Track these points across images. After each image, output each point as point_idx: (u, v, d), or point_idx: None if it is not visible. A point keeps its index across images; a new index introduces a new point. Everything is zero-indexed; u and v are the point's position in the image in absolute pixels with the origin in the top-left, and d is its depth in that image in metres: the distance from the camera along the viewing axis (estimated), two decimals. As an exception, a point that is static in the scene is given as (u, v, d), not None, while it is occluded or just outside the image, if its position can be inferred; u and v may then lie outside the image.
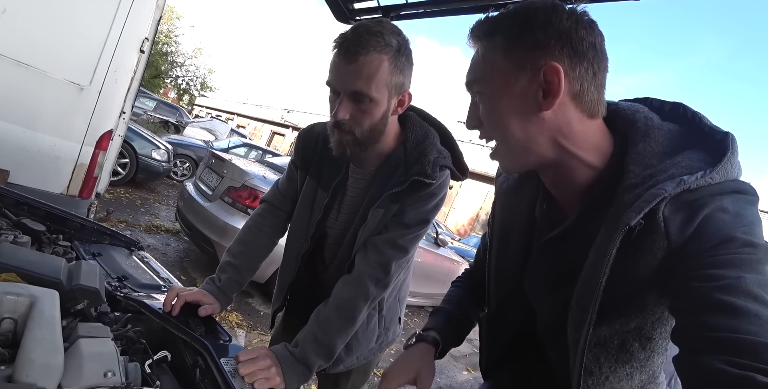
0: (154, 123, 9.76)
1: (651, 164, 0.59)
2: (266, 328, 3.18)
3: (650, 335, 0.63)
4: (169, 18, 20.44)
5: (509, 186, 0.83)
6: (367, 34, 0.87)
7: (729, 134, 0.59)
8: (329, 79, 0.93)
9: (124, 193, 5.57)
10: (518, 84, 0.61)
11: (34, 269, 0.75)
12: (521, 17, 0.61)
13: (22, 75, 2.00)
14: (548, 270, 0.73)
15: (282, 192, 1.25)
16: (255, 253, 1.20)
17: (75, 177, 2.19)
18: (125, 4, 2.18)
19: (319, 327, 0.99)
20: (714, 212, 0.53)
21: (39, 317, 0.62)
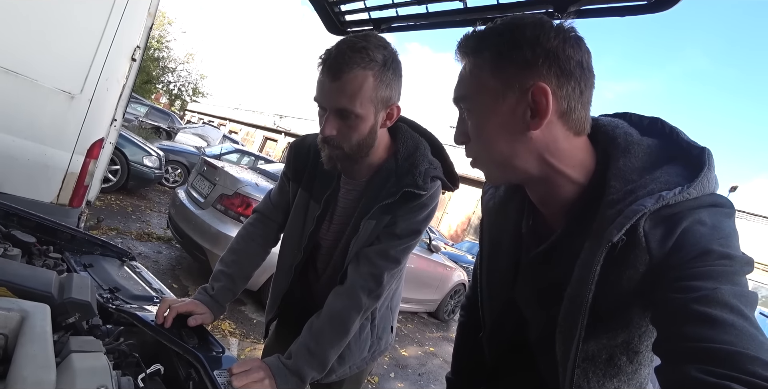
0: (146, 129, 9.70)
1: (631, 179, 0.60)
2: (259, 336, 3.16)
3: (637, 348, 0.64)
4: (161, 23, 20.39)
5: (495, 204, 0.85)
6: (351, 50, 0.88)
7: (705, 149, 0.60)
8: (316, 96, 0.94)
9: (115, 200, 5.51)
10: (506, 103, 0.61)
11: (24, 283, 0.74)
12: (509, 34, 0.61)
13: (11, 83, 1.98)
14: (537, 285, 0.74)
15: (274, 203, 1.25)
16: (248, 262, 1.21)
17: (65, 186, 2.17)
18: (117, 12, 2.18)
19: (312, 338, 0.99)
20: (692, 226, 0.55)
21: (30, 332, 0.62)
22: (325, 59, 0.90)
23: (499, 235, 0.82)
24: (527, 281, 0.77)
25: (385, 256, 1.03)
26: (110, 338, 0.81)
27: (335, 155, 0.98)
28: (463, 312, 1.05)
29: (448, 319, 6.07)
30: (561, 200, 0.67)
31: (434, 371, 4.03)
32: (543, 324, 0.73)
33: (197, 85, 23.53)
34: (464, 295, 1.07)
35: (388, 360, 3.75)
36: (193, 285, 3.60)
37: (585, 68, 0.61)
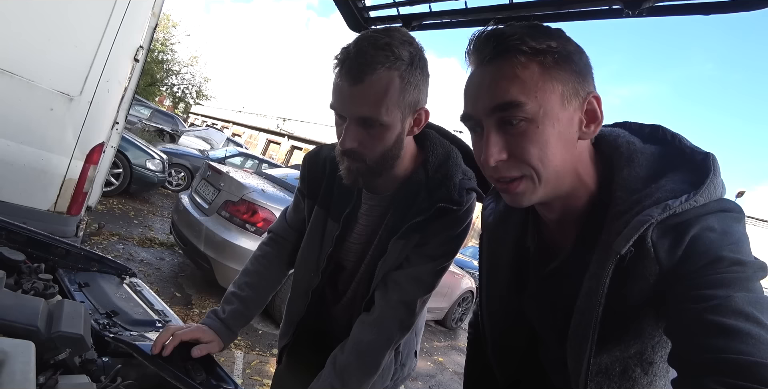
0: (149, 132, 9.64)
1: (637, 188, 0.59)
2: (265, 348, 3.05)
3: (651, 359, 0.63)
4: (165, 26, 20.43)
5: (495, 219, 0.82)
6: (373, 48, 0.75)
7: (710, 155, 0.59)
8: (333, 103, 0.81)
9: (117, 204, 5.42)
10: (568, 110, 0.59)
11: (6, 317, 0.65)
12: (563, 40, 0.58)
13: (6, 84, 1.87)
14: (549, 301, 0.72)
15: (289, 223, 1.15)
16: (263, 284, 1.10)
17: (63, 193, 2.06)
18: (119, 10, 2.08)
19: (337, 377, 0.89)
20: (701, 232, 0.54)
21: (9, 381, 0.52)
22: (342, 60, 0.77)
23: (498, 250, 0.80)
24: (539, 298, 0.74)
25: (417, 281, 0.92)
26: (107, 379, 0.70)
27: (355, 168, 0.86)
28: (471, 329, 0.99)
29: (455, 327, 5.96)
30: (575, 212, 0.66)
31: (445, 383, 3.91)
32: (555, 338, 0.71)
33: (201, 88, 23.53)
34: (472, 311, 0.98)
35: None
36: (197, 294, 3.49)
37: None
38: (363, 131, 0.81)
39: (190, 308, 3.19)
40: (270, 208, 3.21)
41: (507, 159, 0.60)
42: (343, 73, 0.77)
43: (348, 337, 0.94)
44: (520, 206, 0.64)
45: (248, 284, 1.08)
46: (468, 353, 0.99)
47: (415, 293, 0.92)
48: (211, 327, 0.98)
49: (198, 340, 0.92)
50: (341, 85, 0.78)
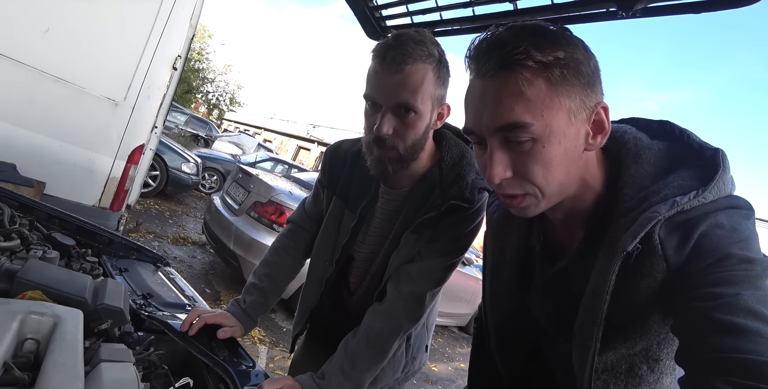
0: (185, 137, 10.05)
1: (644, 185, 0.58)
2: (288, 345, 3.13)
3: (657, 356, 0.62)
4: (201, 36, 21.27)
5: (500, 216, 0.82)
6: (413, 42, 0.82)
7: (719, 151, 0.58)
8: (368, 92, 0.86)
9: (154, 204, 5.70)
10: (575, 125, 0.56)
11: (59, 288, 0.74)
12: (571, 48, 0.55)
13: (61, 91, 2.07)
14: (556, 300, 0.72)
15: (308, 212, 1.21)
16: (281, 275, 1.17)
17: (107, 190, 2.24)
18: (160, 23, 2.25)
19: (347, 359, 0.94)
20: (709, 229, 0.53)
21: (61, 339, 0.60)
22: (383, 51, 0.82)
23: (502, 247, 0.80)
24: (545, 296, 0.74)
25: (428, 275, 0.97)
26: (141, 347, 0.79)
27: (387, 157, 0.89)
28: (476, 324, 1.00)
29: (478, 333, 5.88)
30: (581, 213, 0.65)
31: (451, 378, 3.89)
32: (561, 335, 0.71)
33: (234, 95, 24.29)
34: (478, 307, 1.00)
35: (417, 375, 3.65)
36: (225, 291, 3.63)
37: None
38: (398, 119, 0.86)
39: (219, 304, 3.33)
40: (296, 209, 3.32)
41: (512, 178, 0.59)
42: (384, 62, 0.82)
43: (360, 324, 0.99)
44: (525, 217, 0.65)
45: (267, 275, 1.15)
46: (473, 347, 1.00)
47: (425, 285, 0.96)
48: (233, 314, 1.06)
49: (221, 324, 1.00)
50: (380, 73, 0.83)
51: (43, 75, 2.03)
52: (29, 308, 0.62)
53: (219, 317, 1.01)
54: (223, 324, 1.01)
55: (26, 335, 0.59)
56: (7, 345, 0.54)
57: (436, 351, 4.57)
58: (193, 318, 0.95)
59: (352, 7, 1.16)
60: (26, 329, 0.59)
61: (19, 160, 1.91)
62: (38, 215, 1.16)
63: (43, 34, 1.97)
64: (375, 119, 0.86)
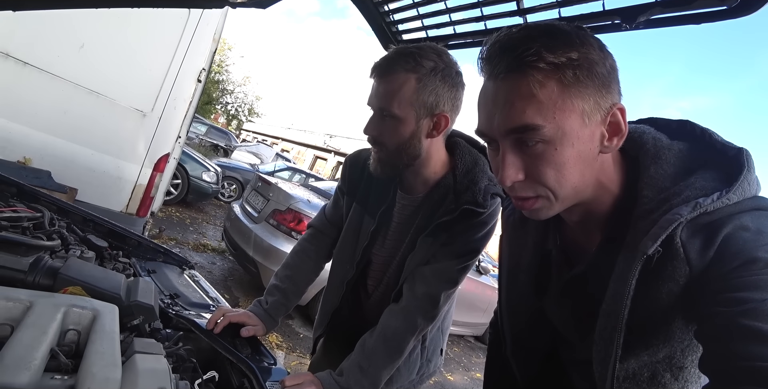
0: (205, 146, 10.29)
1: (664, 187, 0.56)
2: (305, 351, 3.17)
3: (681, 364, 0.60)
4: (221, 49, 21.85)
5: (515, 220, 0.81)
6: (399, 54, 0.90)
7: (743, 150, 0.56)
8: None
9: (175, 212, 5.84)
10: (589, 127, 0.55)
11: (97, 284, 0.78)
12: (585, 48, 0.53)
13: (94, 103, 2.20)
14: (576, 306, 0.70)
15: (328, 218, 1.25)
16: (301, 277, 1.21)
17: (134, 197, 2.34)
18: (186, 38, 2.37)
19: (365, 357, 0.97)
20: (734, 232, 0.51)
21: (101, 330, 0.65)
22: (375, 63, 0.93)
23: (519, 251, 0.79)
24: (563, 301, 0.73)
25: (442, 276, 1.00)
26: (170, 342, 0.83)
27: (378, 157, 0.98)
28: (491, 329, 1.00)
29: (496, 344, 5.79)
30: (598, 216, 0.64)
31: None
32: (580, 341, 0.70)
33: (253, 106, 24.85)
34: (494, 311, 1.01)
35: (433, 384, 3.62)
36: (244, 297, 3.69)
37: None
38: (381, 122, 0.94)
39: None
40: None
41: (524, 180, 0.58)
42: (372, 72, 0.93)
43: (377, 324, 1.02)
44: (538, 219, 0.63)
45: (288, 277, 1.19)
46: (488, 352, 1.00)
47: (439, 286, 0.99)
48: (256, 314, 1.10)
49: (245, 323, 1.05)
50: (372, 82, 0.94)
51: (78, 88, 2.16)
52: (71, 302, 0.67)
53: (242, 316, 1.05)
54: (247, 322, 1.05)
55: (69, 326, 0.64)
56: (53, 334, 0.59)
57: (452, 361, 4.53)
58: (218, 317, 0.99)
59: (369, 21, 1.21)
60: (69, 320, 0.64)
61: (54, 167, 2.03)
62: (74, 218, 1.23)
63: (79, 50, 2.10)
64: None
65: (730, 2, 0.70)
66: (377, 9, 1.15)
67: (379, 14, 1.17)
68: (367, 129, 0.96)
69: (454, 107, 0.95)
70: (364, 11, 1.17)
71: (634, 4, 0.79)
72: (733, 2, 0.70)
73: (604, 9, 0.83)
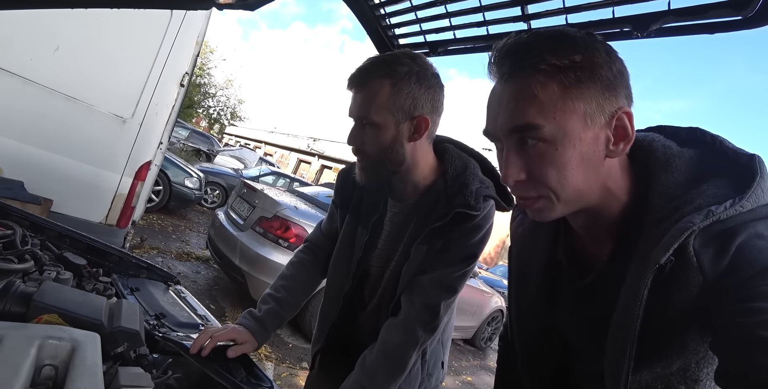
0: (187, 151, 10.10)
1: (675, 195, 0.56)
2: (295, 361, 3.09)
3: (696, 376, 0.59)
4: (203, 52, 21.52)
5: (524, 230, 0.81)
6: (372, 63, 0.91)
7: (755, 156, 0.55)
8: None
9: (157, 219, 5.68)
10: (592, 129, 0.55)
11: (76, 311, 0.72)
12: (590, 52, 0.54)
13: (70, 108, 2.08)
14: (585, 315, 0.70)
15: (324, 232, 1.24)
16: (298, 288, 1.17)
17: (114, 207, 2.23)
18: (168, 41, 2.28)
19: (366, 375, 0.93)
20: (749, 240, 0.50)
21: (81, 365, 0.59)
22: (350, 74, 0.93)
23: (528, 262, 0.78)
24: (574, 312, 0.72)
25: (440, 285, 0.97)
26: (158, 371, 0.77)
27: (362, 166, 0.98)
28: (501, 343, 0.98)
29: (485, 347, 5.82)
30: (607, 223, 0.63)
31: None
32: (592, 353, 0.67)
33: (235, 109, 24.46)
34: (504, 325, 0.98)
35: (425, 391, 3.58)
36: (230, 307, 3.59)
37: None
38: (361, 130, 0.94)
39: (224, 320, 3.28)
40: (302, 224, 3.31)
41: (526, 179, 0.58)
42: (348, 82, 0.94)
43: (376, 340, 0.98)
44: (542, 221, 0.63)
45: (284, 287, 1.14)
46: (498, 366, 0.98)
47: (438, 296, 0.97)
48: (246, 327, 1.04)
49: (234, 340, 0.98)
50: (350, 94, 0.95)
51: (53, 93, 2.05)
52: (47, 332, 0.60)
53: (231, 333, 0.99)
54: (237, 340, 0.99)
55: (44, 361, 0.57)
56: (26, 372, 0.53)
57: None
58: (205, 340, 0.93)
59: (364, 24, 1.17)
60: (44, 354, 0.58)
61: (27, 177, 1.91)
62: (49, 234, 1.15)
63: (54, 52, 1.99)
64: None
65: (745, 12, 0.69)
66: (373, 12, 1.11)
67: (374, 17, 1.12)
68: (349, 140, 0.96)
69: (434, 108, 0.94)
70: (358, 14, 1.13)
71: (647, 12, 0.76)
72: (748, 12, 0.68)
73: (613, 16, 0.80)
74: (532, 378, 0.82)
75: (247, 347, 1.01)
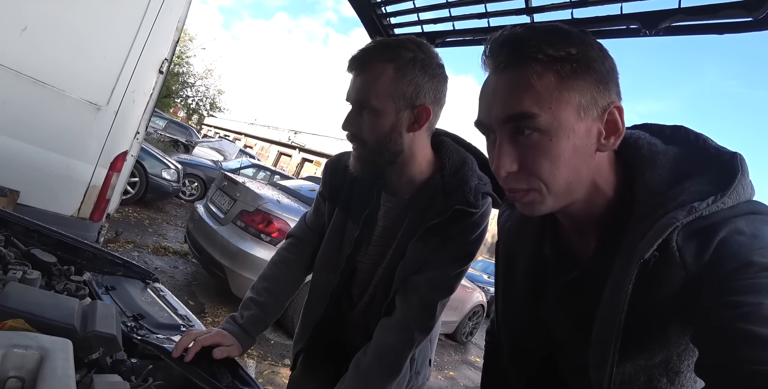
0: (164, 142, 9.81)
1: (660, 191, 0.57)
2: (277, 358, 3.04)
3: (678, 368, 0.61)
4: (182, 39, 20.92)
5: (512, 225, 0.81)
6: (376, 45, 0.87)
7: (737, 154, 0.57)
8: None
9: (132, 212, 5.51)
10: (585, 122, 0.56)
11: (44, 314, 0.66)
12: (584, 46, 0.55)
13: (38, 94, 1.95)
14: (573, 311, 0.70)
15: (309, 225, 1.17)
16: (281, 289, 1.11)
17: (87, 199, 2.11)
18: (146, 24, 2.16)
19: (360, 379, 0.90)
20: (729, 235, 0.51)
21: (51, 377, 0.54)
22: (352, 55, 0.89)
23: (515, 257, 0.79)
24: (560, 306, 0.72)
25: (436, 284, 0.95)
26: (138, 379, 0.72)
27: (357, 155, 0.93)
28: (488, 338, 0.97)
29: (466, 341, 5.88)
30: (593, 219, 0.64)
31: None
32: (576, 346, 0.69)
33: (215, 100, 23.91)
34: (490, 319, 0.97)
35: (407, 386, 3.59)
36: (210, 303, 3.51)
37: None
38: (359, 116, 0.89)
39: (203, 316, 3.20)
40: (285, 218, 3.25)
41: (518, 171, 0.59)
42: (349, 64, 0.89)
43: (370, 341, 0.95)
44: (531, 215, 0.63)
45: (266, 290, 1.09)
46: (485, 360, 0.98)
47: (434, 296, 0.94)
48: (230, 332, 0.99)
49: (219, 344, 0.94)
50: (351, 75, 0.90)
51: (20, 76, 1.91)
52: (11, 340, 0.55)
53: (216, 337, 0.94)
54: (221, 343, 0.94)
55: (8, 372, 0.52)
56: (-13, 387, 0.47)
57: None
58: (188, 343, 0.88)
59: (358, 11, 1.12)
60: (8, 365, 0.53)
61: (-9, 167, 1.79)
62: (15, 229, 1.07)
63: (21, 33, 1.86)
64: None
65: (757, 14, 0.68)
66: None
67: (369, 4, 1.07)
68: (345, 125, 0.91)
69: (436, 99, 0.90)
70: (353, 0, 1.08)
71: (656, 10, 0.75)
72: (759, 14, 0.68)
73: (622, 13, 0.78)
74: (518, 372, 0.82)
75: (233, 350, 0.96)
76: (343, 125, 0.91)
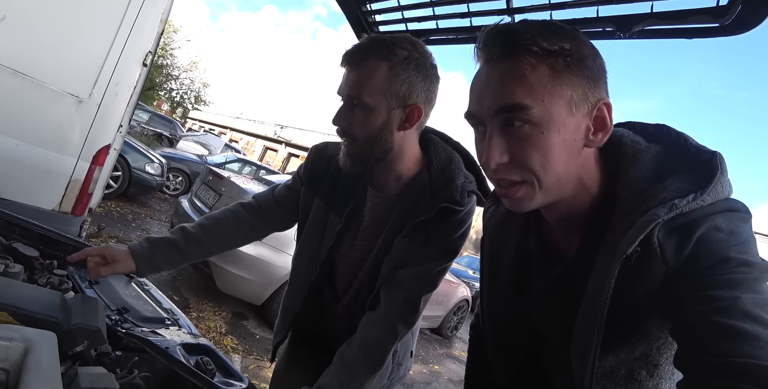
0: (148, 136, 9.64)
1: (642, 188, 0.58)
2: (263, 353, 3.04)
3: (657, 361, 0.62)
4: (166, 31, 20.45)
5: (497, 221, 0.82)
6: (371, 42, 0.87)
7: (716, 154, 0.58)
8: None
9: (116, 207, 5.42)
10: (576, 117, 0.57)
11: (28, 308, 0.67)
12: (577, 42, 0.56)
13: (18, 85, 1.90)
14: (556, 306, 0.71)
15: (276, 198, 1.14)
16: (218, 235, 1.10)
17: (68, 193, 2.08)
18: (130, 16, 2.12)
19: (344, 371, 0.92)
20: (708, 232, 0.53)
21: (36, 368, 0.54)
22: (346, 50, 0.88)
23: (500, 252, 0.80)
24: (544, 301, 0.73)
25: (421, 280, 0.96)
26: (123, 371, 0.72)
27: (347, 151, 0.93)
28: (472, 332, 0.99)
29: (451, 336, 5.95)
30: (577, 216, 0.65)
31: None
32: (560, 341, 0.70)
33: (200, 93, 23.53)
34: (474, 313, 1.01)
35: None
36: (195, 298, 3.49)
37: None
38: (350, 112, 0.89)
39: (188, 311, 3.18)
40: (270, 213, 3.23)
41: (508, 162, 0.58)
42: (343, 59, 0.88)
43: (354, 334, 0.97)
44: (519, 212, 0.64)
45: (203, 227, 1.08)
46: (469, 355, 0.99)
47: (418, 291, 0.96)
48: (133, 250, 1.00)
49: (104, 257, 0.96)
50: (343, 70, 0.89)
51: (-1, 68, 1.87)
52: (-5, 333, 0.55)
53: (104, 249, 0.96)
54: (115, 258, 0.96)
55: (-7, 365, 0.52)
56: (-28, 378, 0.48)
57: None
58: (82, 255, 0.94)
59: (344, 8, 1.13)
60: (-7, 358, 0.52)
61: (-32, 160, 1.75)
62: (-5, 223, 1.05)
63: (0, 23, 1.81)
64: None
65: (722, 20, 0.71)
66: (354, -5, 1.07)
67: (355, 1, 1.08)
68: (335, 120, 0.91)
69: (428, 99, 0.91)
70: (338, -3, 1.08)
71: (630, 13, 0.77)
72: (725, 20, 0.71)
73: (598, 15, 0.81)
74: (502, 365, 0.84)
75: (117, 267, 0.97)
76: (334, 119, 0.91)
